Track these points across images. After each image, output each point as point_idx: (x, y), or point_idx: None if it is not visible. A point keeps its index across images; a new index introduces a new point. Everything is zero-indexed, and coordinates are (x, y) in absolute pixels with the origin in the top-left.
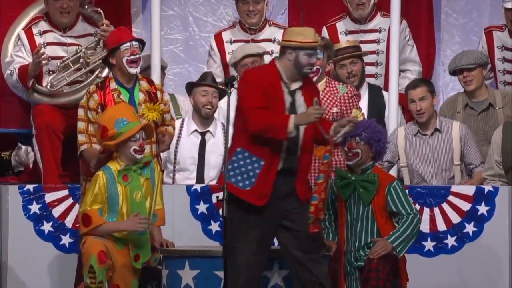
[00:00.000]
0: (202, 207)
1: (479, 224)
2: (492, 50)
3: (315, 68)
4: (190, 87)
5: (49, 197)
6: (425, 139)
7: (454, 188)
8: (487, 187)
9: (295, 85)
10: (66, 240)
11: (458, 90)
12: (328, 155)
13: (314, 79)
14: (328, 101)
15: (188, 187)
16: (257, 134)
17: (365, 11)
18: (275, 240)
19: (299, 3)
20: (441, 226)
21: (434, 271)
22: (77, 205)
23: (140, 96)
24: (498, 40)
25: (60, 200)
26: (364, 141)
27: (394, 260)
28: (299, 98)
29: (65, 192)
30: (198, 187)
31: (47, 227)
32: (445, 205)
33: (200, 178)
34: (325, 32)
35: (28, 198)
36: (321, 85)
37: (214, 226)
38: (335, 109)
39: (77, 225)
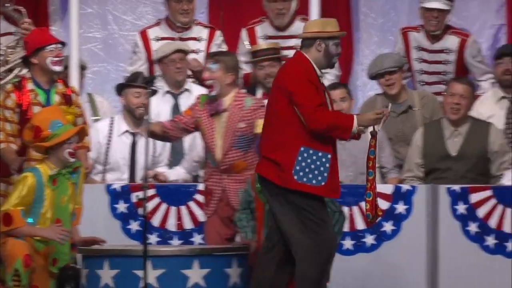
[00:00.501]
0: (121, 206)
1: (397, 222)
2: (409, 50)
3: (210, 81)
4: (121, 88)
5: None
6: (342, 144)
7: None
8: (405, 186)
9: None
10: None
11: (376, 90)
12: (374, 150)
13: (213, 93)
14: (236, 114)
15: (108, 186)
16: (319, 132)
17: (285, 19)
18: (196, 239)
19: (219, 3)
20: (360, 225)
21: (353, 269)
22: None
23: (56, 99)
24: (414, 40)
25: None
26: None
27: None
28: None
29: None
30: (117, 186)
31: None
32: (364, 204)
33: (132, 178)
34: (244, 34)
35: None
36: (229, 99)
37: (134, 226)
38: (241, 124)
39: None
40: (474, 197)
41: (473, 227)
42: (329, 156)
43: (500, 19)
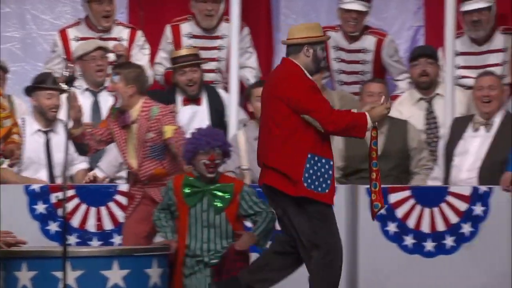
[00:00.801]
0: (40, 207)
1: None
2: (327, 50)
3: (113, 93)
4: (31, 90)
5: None
6: None
7: None
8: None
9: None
10: None
11: None
12: (376, 141)
13: (117, 104)
14: (144, 125)
15: (27, 187)
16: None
17: (214, 21)
18: (116, 240)
19: (139, 3)
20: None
21: None
22: None
23: None
24: (332, 40)
25: None
26: (222, 151)
27: (246, 256)
28: None
29: None
30: (36, 187)
31: None
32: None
33: (49, 177)
34: (168, 31)
35: None
36: (137, 110)
37: (53, 227)
38: (150, 134)
39: None
40: (393, 197)
41: (392, 227)
42: (331, 162)
43: (418, 21)
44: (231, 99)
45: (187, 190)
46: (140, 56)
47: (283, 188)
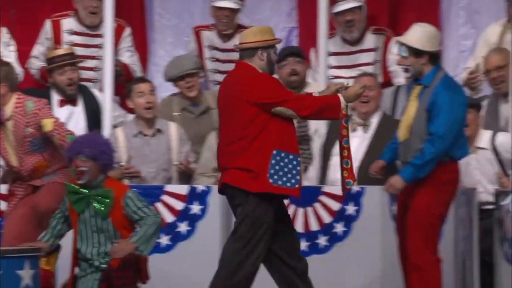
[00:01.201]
0: None
1: (192, 223)
2: (202, 49)
3: None
4: None
5: None
6: (146, 139)
7: (168, 188)
8: (200, 187)
9: None
10: None
11: (171, 91)
12: (348, 140)
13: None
14: (20, 121)
15: None
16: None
17: (97, 19)
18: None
19: (10, 2)
20: None
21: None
22: None
23: None
24: (207, 39)
25: None
26: (89, 158)
27: (135, 260)
28: None
29: None
30: None
31: None
32: (159, 205)
33: None
34: (48, 26)
35: None
36: (10, 106)
37: None
38: (29, 129)
39: None
40: None
41: None
42: (299, 158)
43: (292, 22)
44: (105, 97)
45: (72, 197)
46: (7, 53)
47: (242, 185)
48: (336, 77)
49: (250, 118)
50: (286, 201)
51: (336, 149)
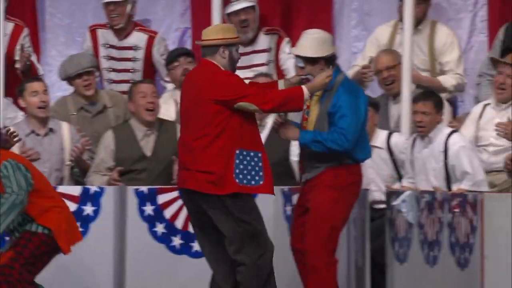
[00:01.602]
0: None
1: (85, 224)
2: (97, 48)
3: None
4: None
5: None
6: (39, 139)
7: (61, 189)
8: (93, 188)
9: None
10: None
11: (64, 91)
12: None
13: None
14: None
15: None
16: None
17: None
18: None
19: None
20: None
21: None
22: None
23: None
24: (102, 37)
25: None
26: None
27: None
28: None
29: None
30: None
31: None
32: None
33: None
34: None
35: None
36: None
37: None
38: None
39: None
40: (162, 198)
41: (160, 228)
42: (260, 154)
43: (185, 22)
44: None
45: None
46: None
47: (210, 191)
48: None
49: (212, 116)
50: (179, 202)
51: None
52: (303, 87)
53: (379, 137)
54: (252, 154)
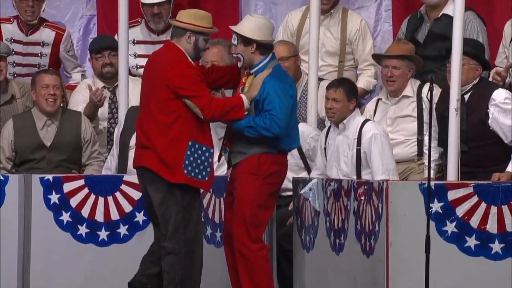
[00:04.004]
0: None
1: None
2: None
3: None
4: None
5: None
6: None
7: None
8: None
9: None
10: None
11: None
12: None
13: None
14: None
15: None
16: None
17: None
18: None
19: None
20: None
21: None
22: None
23: None
24: (7, 32)
25: None
26: None
27: None
28: None
29: None
30: None
31: None
32: None
33: None
34: None
35: None
36: None
37: None
38: None
39: None
40: (67, 187)
41: (65, 217)
42: (211, 150)
43: (91, 10)
44: None
45: None
46: None
47: (162, 174)
48: (142, 66)
49: (166, 101)
50: (86, 190)
51: (133, 141)
52: (243, 96)
53: None
54: (204, 148)
